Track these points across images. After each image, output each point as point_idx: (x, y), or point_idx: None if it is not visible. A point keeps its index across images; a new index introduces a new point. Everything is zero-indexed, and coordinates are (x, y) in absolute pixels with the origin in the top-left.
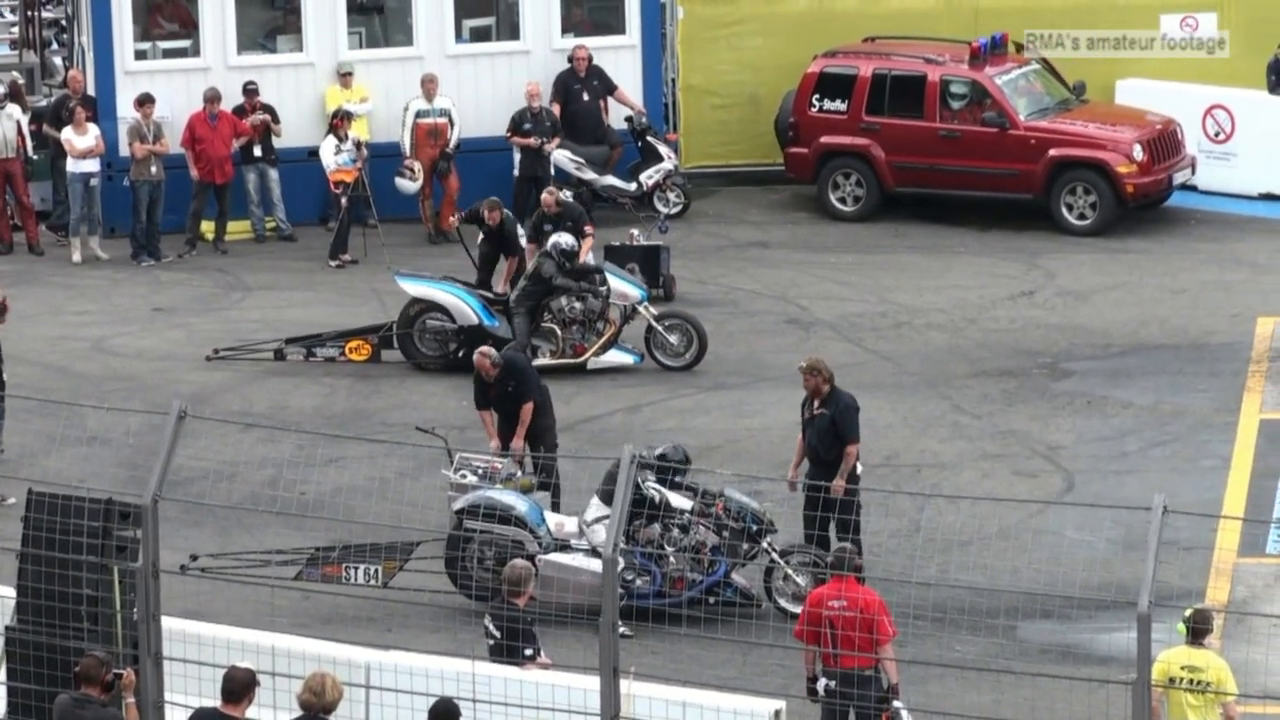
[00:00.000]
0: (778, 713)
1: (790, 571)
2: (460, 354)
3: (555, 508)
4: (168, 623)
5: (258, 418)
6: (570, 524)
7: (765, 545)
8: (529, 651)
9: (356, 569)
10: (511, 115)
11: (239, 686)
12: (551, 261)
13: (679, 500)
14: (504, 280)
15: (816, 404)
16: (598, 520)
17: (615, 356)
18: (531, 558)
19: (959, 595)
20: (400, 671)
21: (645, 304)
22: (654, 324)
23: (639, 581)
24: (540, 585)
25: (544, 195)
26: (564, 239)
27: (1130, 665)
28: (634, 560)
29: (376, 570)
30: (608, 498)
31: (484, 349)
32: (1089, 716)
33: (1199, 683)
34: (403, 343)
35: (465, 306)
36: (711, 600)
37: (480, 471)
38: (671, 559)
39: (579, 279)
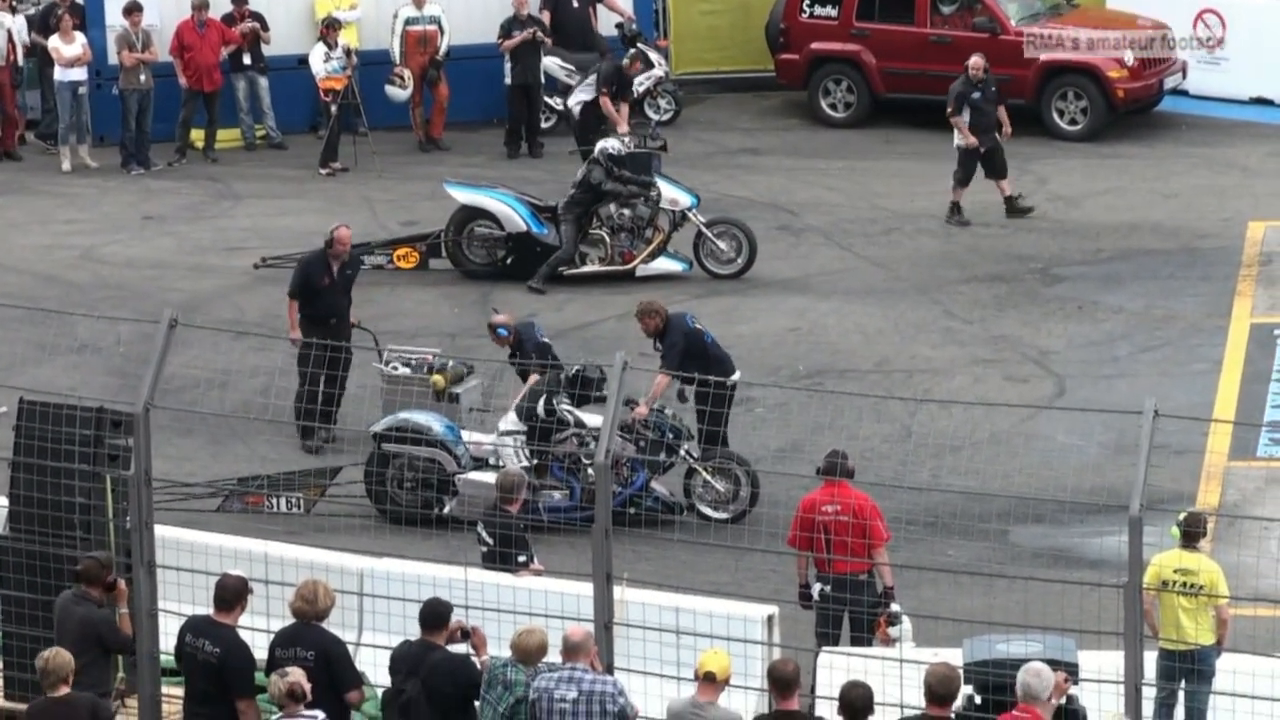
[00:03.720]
0: (770, 618)
1: (709, 477)
2: (509, 261)
3: None
4: (160, 531)
5: (249, 326)
6: (487, 441)
7: (683, 453)
8: (522, 558)
9: (279, 498)
10: (500, 23)
11: (231, 594)
12: (600, 168)
13: (593, 419)
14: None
15: (655, 344)
16: (507, 434)
17: (664, 264)
18: (451, 477)
19: (951, 500)
20: (393, 579)
21: (694, 210)
22: (704, 230)
23: (557, 495)
24: (458, 504)
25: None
26: (611, 143)
27: (1122, 569)
28: (556, 476)
29: (298, 499)
30: (524, 414)
31: (493, 320)
32: (1081, 620)
33: (1191, 586)
34: (451, 250)
35: (514, 214)
36: (632, 511)
37: (411, 363)
38: (589, 473)
39: (628, 185)
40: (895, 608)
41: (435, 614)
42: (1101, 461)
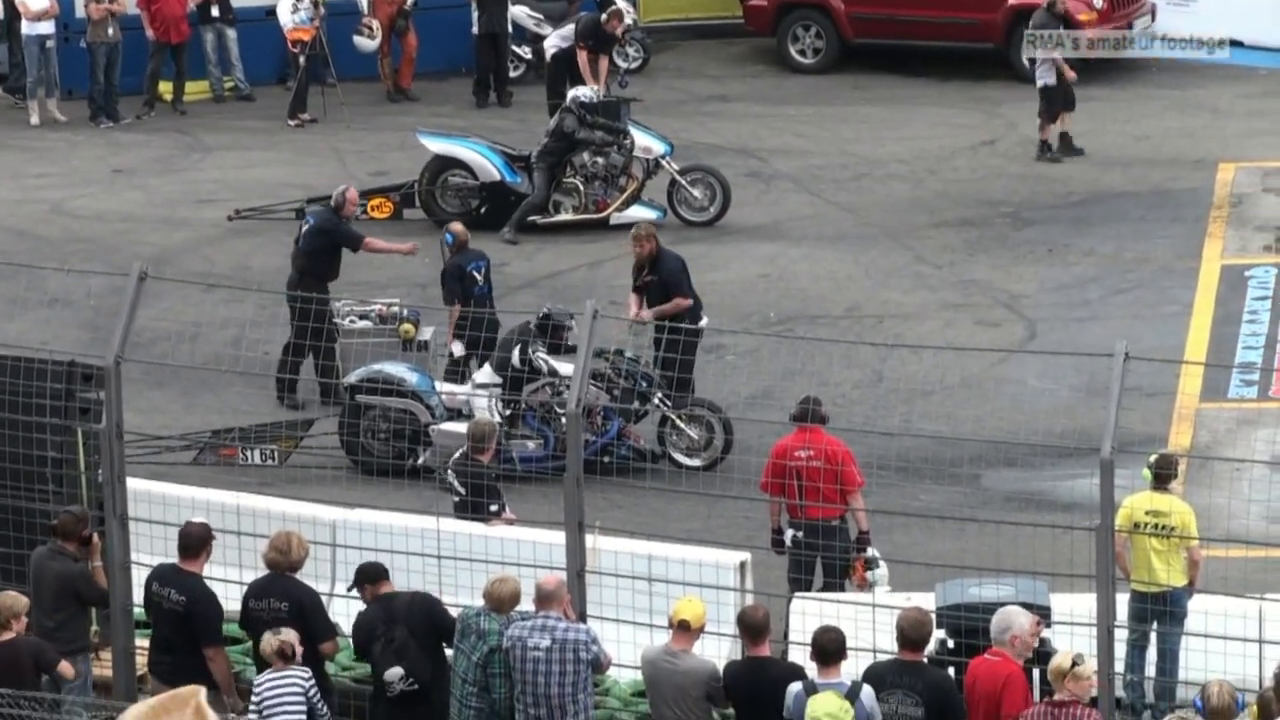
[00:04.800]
0: (743, 564)
1: (682, 425)
2: (482, 210)
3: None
4: (132, 484)
5: (219, 278)
6: (462, 392)
7: (656, 401)
8: (494, 507)
9: (253, 450)
10: None
11: (195, 542)
12: (573, 116)
13: (566, 367)
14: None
15: (646, 271)
16: (480, 386)
17: (638, 212)
18: (425, 427)
19: (922, 444)
20: (365, 529)
21: (668, 158)
22: (677, 178)
23: (531, 445)
24: (432, 455)
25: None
26: (583, 91)
27: (1094, 511)
28: (529, 425)
29: (273, 451)
30: (499, 364)
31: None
32: (1053, 563)
33: (1163, 527)
34: (425, 200)
35: (487, 163)
36: (606, 459)
37: (376, 315)
38: (563, 422)
39: (602, 133)
40: (873, 552)
41: (375, 567)
42: (1073, 404)
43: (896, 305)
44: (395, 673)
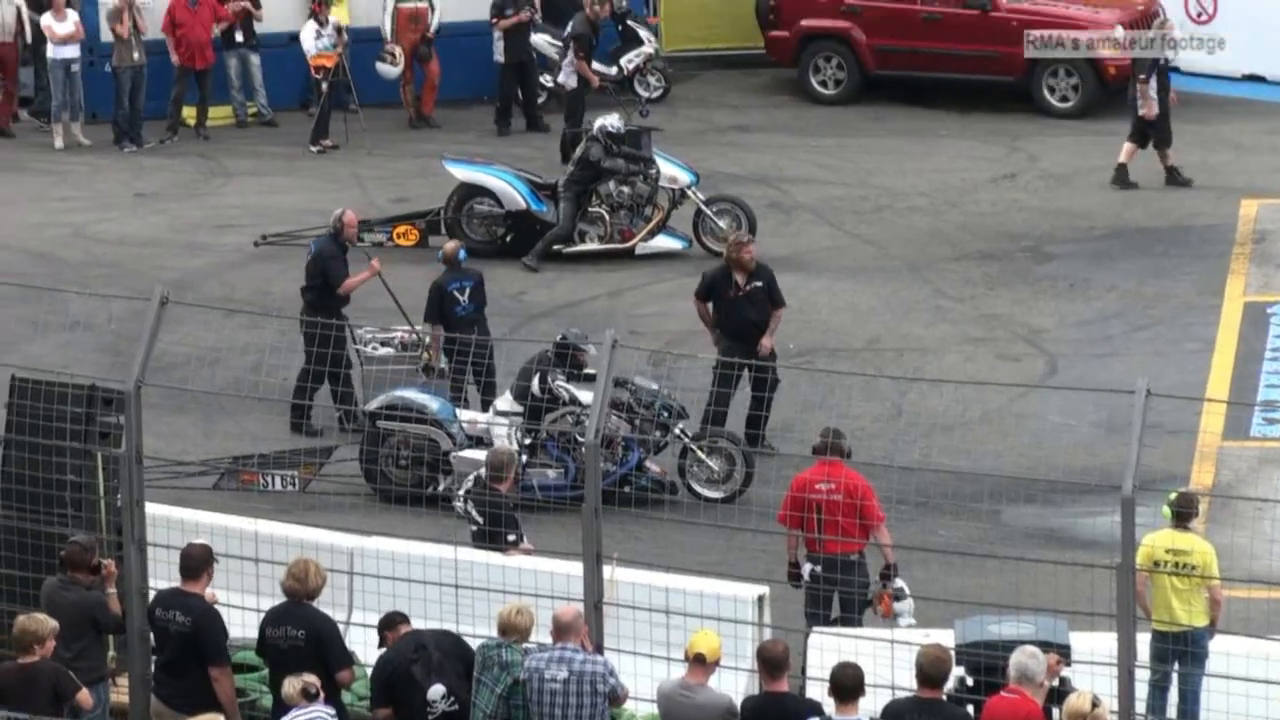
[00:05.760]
0: (761, 598)
1: (703, 456)
2: (508, 238)
3: (491, 390)
4: (151, 509)
5: (240, 303)
6: (482, 419)
7: (677, 432)
8: (512, 537)
9: (274, 476)
10: (493, 1)
11: (196, 563)
12: (599, 145)
13: (586, 395)
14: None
15: (744, 280)
16: (501, 414)
17: (663, 241)
18: (445, 454)
19: (942, 480)
20: (383, 557)
21: (694, 188)
22: (703, 208)
23: (551, 474)
24: (454, 482)
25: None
26: (611, 121)
27: (1114, 549)
28: (550, 453)
29: (294, 476)
30: (519, 393)
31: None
32: (1073, 601)
33: (1184, 566)
34: (450, 227)
35: (513, 191)
36: (626, 490)
37: (398, 343)
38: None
39: (628, 162)
40: (899, 583)
41: (393, 615)
42: (1094, 441)
43: (917, 338)
44: (438, 690)
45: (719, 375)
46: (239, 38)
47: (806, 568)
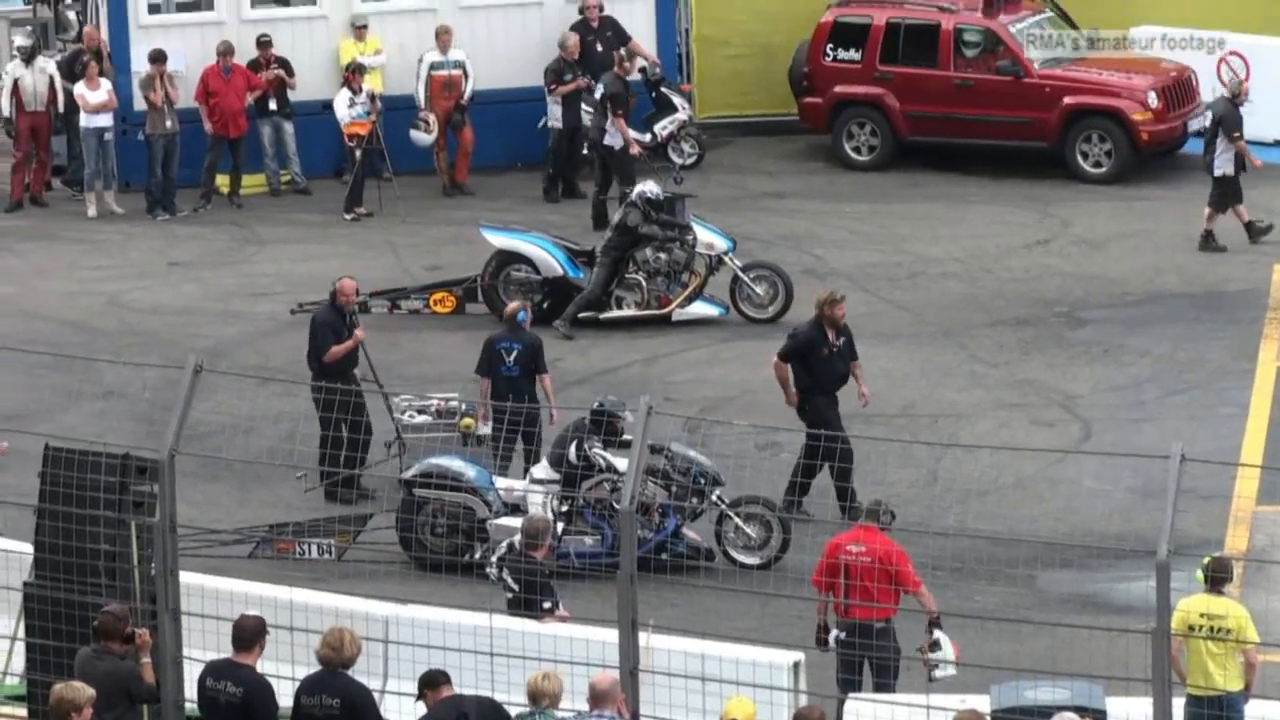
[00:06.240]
0: (797, 664)
1: (740, 523)
2: (545, 305)
3: (534, 457)
4: (185, 578)
5: (274, 372)
6: (519, 487)
7: (714, 498)
8: (547, 604)
9: (310, 544)
10: (547, 67)
11: (250, 634)
12: (637, 211)
13: (623, 462)
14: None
15: (834, 335)
16: (537, 481)
17: (700, 308)
18: (482, 522)
19: (978, 545)
20: (418, 625)
21: (731, 254)
22: (740, 275)
23: (589, 541)
24: (490, 549)
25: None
26: (649, 187)
27: (1149, 614)
28: (586, 520)
29: (329, 545)
30: (556, 460)
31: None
32: (1109, 666)
33: (1219, 630)
34: (488, 295)
35: (550, 258)
36: (663, 556)
37: (434, 410)
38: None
39: (665, 229)
40: (938, 634)
41: (437, 674)
42: (1128, 506)
43: (951, 404)
44: None
45: (808, 447)
46: (272, 106)
47: (833, 633)
